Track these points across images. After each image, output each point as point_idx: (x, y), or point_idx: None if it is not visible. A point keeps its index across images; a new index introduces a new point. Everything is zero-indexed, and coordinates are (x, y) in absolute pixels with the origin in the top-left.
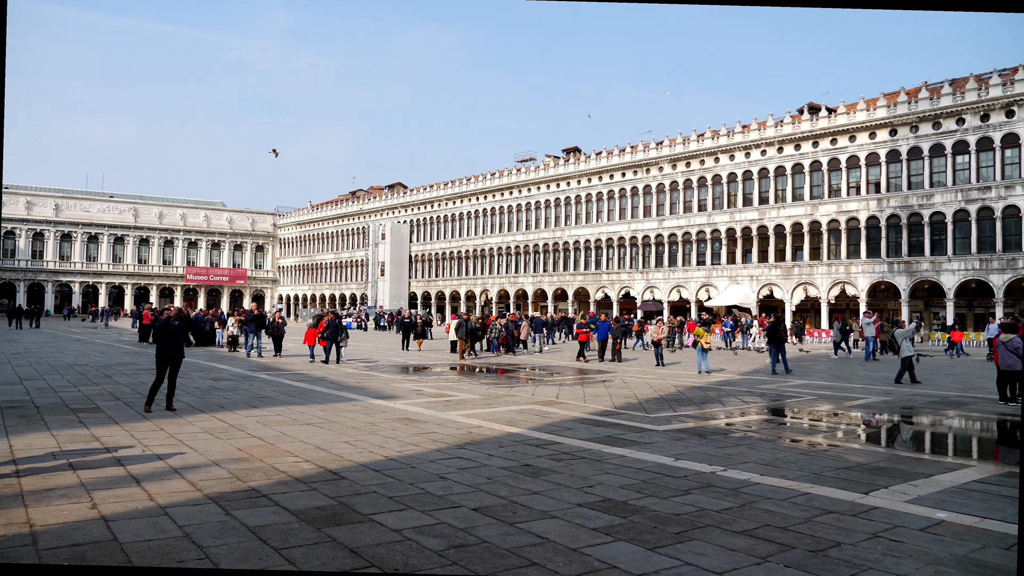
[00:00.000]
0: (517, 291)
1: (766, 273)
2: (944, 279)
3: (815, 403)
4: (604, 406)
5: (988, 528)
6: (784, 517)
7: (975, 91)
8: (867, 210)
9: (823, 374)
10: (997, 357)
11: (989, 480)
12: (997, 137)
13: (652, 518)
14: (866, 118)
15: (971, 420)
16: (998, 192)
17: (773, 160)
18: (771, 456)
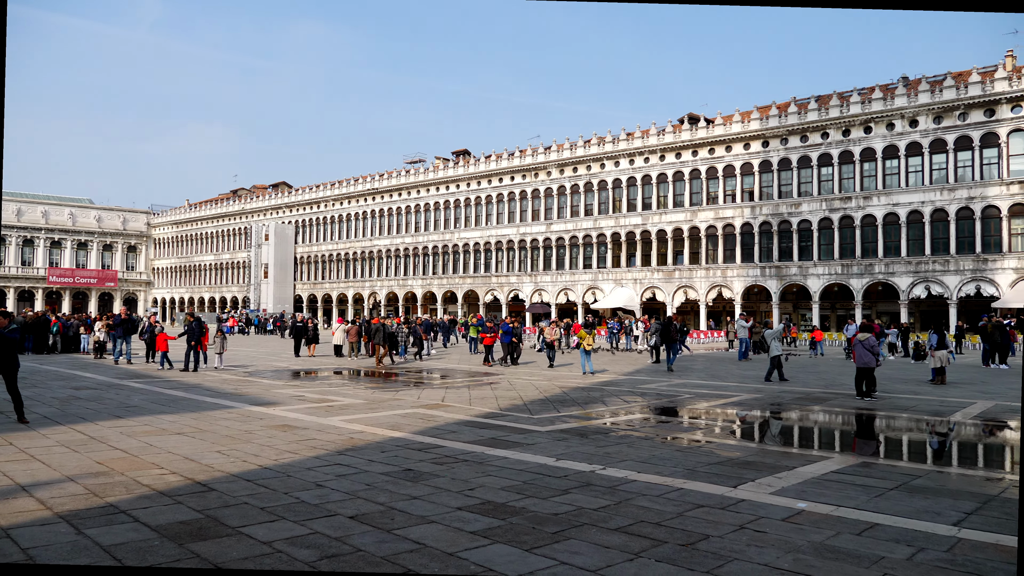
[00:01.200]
0: (406, 294)
1: (649, 276)
2: (810, 283)
3: (692, 401)
4: (490, 408)
5: (842, 516)
6: (658, 513)
7: (838, 107)
8: (742, 217)
9: (700, 373)
10: (855, 355)
11: (845, 471)
12: (857, 151)
13: (531, 519)
14: (741, 130)
15: (832, 414)
16: (857, 202)
17: (656, 168)
18: (648, 454)
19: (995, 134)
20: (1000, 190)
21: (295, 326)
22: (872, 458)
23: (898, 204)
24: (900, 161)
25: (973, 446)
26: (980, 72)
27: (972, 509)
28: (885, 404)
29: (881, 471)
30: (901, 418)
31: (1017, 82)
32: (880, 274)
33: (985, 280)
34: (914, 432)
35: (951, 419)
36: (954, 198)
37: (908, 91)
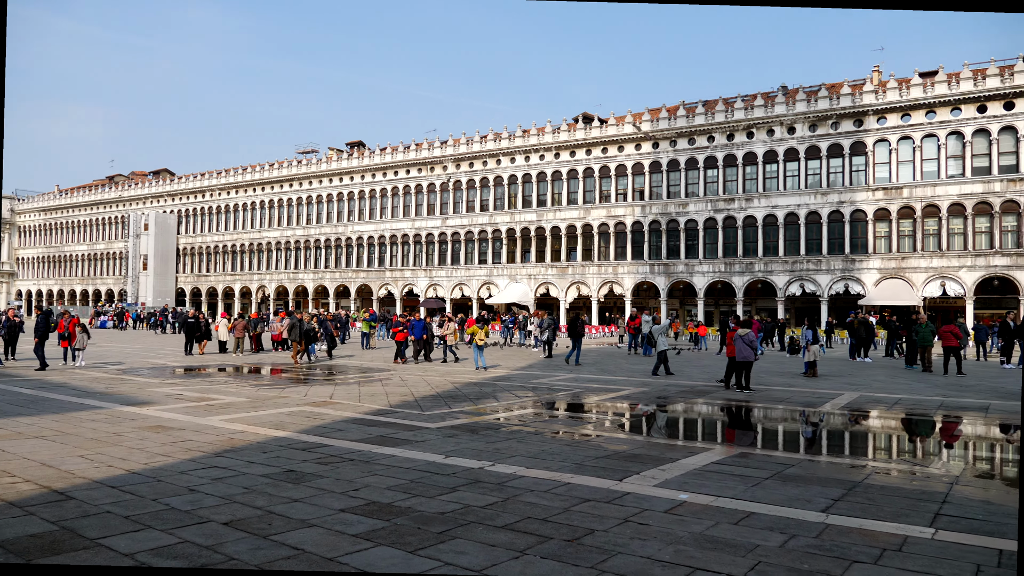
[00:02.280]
0: (297, 287)
1: (543, 272)
2: (696, 280)
3: (582, 395)
4: (379, 405)
5: (721, 506)
6: (545, 508)
7: (723, 112)
8: (633, 216)
9: (591, 367)
10: (733, 350)
11: (724, 461)
12: (740, 155)
13: (417, 519)
14: (633, 131)
15: (714, 407)
16: (740, 204)
17: (551, 165)
18: (538, 449)
19: (863, 143)
20: (867, 195)
21: (186, 322)
22: (750, 448)
23: (777, 206)
24: (779, 166)
25: (840, 435)
26: (851, 84)
27: (839, 496)
28: (761, 396)
29: (758, 461)
30: (777, 409)
31: (883, 95)
32: (760, 272)
33: (853, 279)
34: (788, 423)
35: (821, 410)
36: (826, 202)
37: (787, 100)
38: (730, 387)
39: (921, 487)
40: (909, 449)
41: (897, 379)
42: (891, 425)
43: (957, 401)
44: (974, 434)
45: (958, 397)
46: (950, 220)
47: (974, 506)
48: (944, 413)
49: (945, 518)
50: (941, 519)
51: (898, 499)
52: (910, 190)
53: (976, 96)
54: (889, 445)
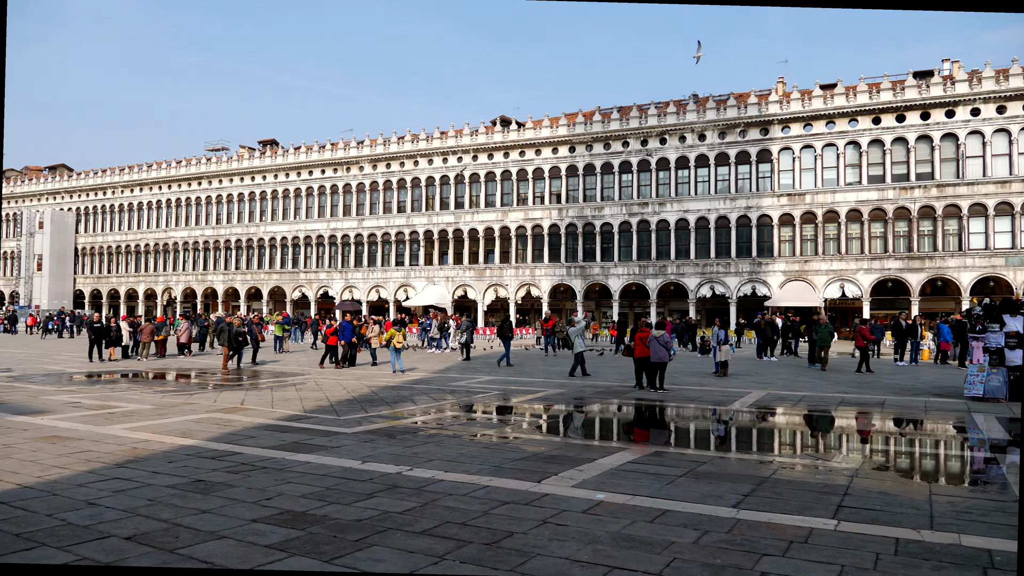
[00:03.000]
0: (206, 289)
1: (461, 274)
2: (611, 282)
3: (500, 398)
4: (293, 411)
5: (637, 504)
6: (464, 512)
7: (637, 119)
8: (550, 218)
9: (509, 369)
10: (647, 350)
11: (640, 460)
12: (653, 160)
13: (333, 527)
14: (550, 134)
15: (629, 407)
16: (653, 208)
17: (470, 168)
18: (457, 452)
19: (768, 151)
20: (772, 201)
21: (92, 326)
22: (664, 447)
23: (688, 211)
24: (691, 171)
25: (749, 432)
26: (757, 94)
27: (749, 491)
28: (675, 396)
29: (672, 459)
30: (689, 408)
31: (787, 105)
32: (672, 275)
33: (759, 281)
34: (700, 421)
35: (731, 408)
36: (735, 207)
37: (698, 108)
38: (644, 387)
39: (824, 480)
40: (813, 444)
41: (801, 377)
42: (796, 421)
43: (856, 397)
44: (872, 428)
45: (857, 393)
46: (848, 225)
47: (873, 497)
48: (844, 409)
49: (847, 509)
50: (843, 511)
51: (803, 493)
52: (812, 196)
53: (871, 108)
54: (794, 441)
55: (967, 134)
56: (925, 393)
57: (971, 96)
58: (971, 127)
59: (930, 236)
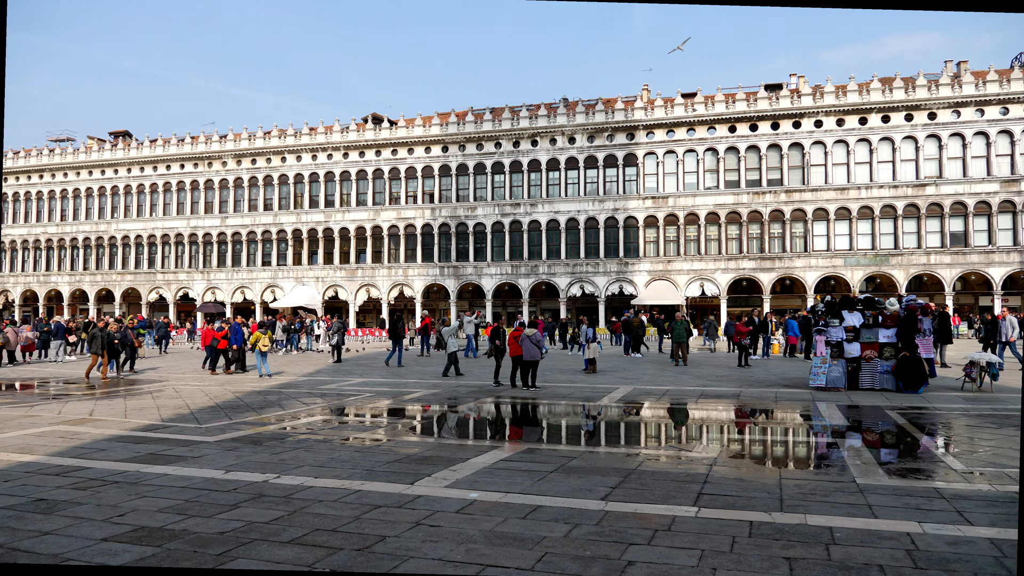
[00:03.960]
0: (49, 292)
1: (331, 275)
2: (484, 282)
3: (373, 400)
4: (150, 420)
5: (510, 501)
6: (335, 519)
7: (509, 120)
8: (423, 218)
9: (382, 371)
10: (520, 349)
11: (513, 458)
12: (525, 161)
13: (193, 542)
14: (423, 133)
15: (503, 405)
16: (525, 209)
17: (340, 165)
18: (327, 457)
19: (634, 155)
20: (638, 204)
21: None
22: (537, 444)
23: (559, 212)
24: (561, 173)
25: (617, 426)
26: (624, 100)
27: (616, 483)
28: (546, 393)
29: (544, 455)
30: (561, 405)
31: (651, 112)
32: (544, 274)
33: (626, 280)
34: (571, 417)
35: (600, 403)
36: (603, 208)
37: (568, 111)
38: (516, 385)
39: (686, 470)
40: (676, 436)
41: (665, 373)
42: (660, 415)
43: (715, 390)
44: (729, 419)
45: (715, 387)
46: (707, 227)
47: (730, 484)
48: (704, 401)
49: (706, 497)
50: (703, 498)
51: (667, 483)
52: (674, 200)
53: (727, 118)
54: (659, 433)
55: (811, 144)
56: (776, 385)
57: (815, 109)
58: (814, 137)
59: (780, 238)
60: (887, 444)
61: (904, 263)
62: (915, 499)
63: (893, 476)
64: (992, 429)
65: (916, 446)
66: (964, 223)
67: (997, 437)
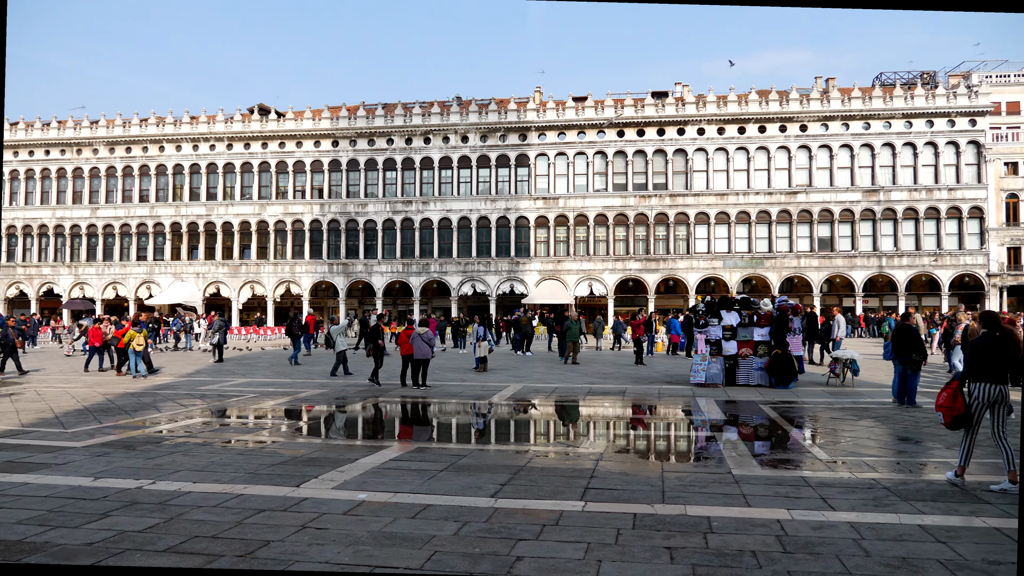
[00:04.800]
0: None
1: (213, 271)
2: (375, 280)
3: (256, 400)
4: (8, 425)
5: (399, 501)
6: (215, 525)
7: (402, 116)
8: (311, 214)
9: (266, 371)
10: (411, 348)
11: (403, 457)
12: (417, 159)
13: (57, 554)
14: (312, 127)
15: (392, 405)
16: (417, 206)
17: (223, 156)
18: (207, 461)
19: (526, 156)
20: (529, 204)
21: None
22: (427, 443)
23: (451, 210)
24: (454, 171)
25: (508, 424)
26: (517, 102)
27: (506, 480)
28: (437, 392)
29: (434, 454)
30: (451, 403)
31: (543, 114)
32: (435, 273)
33: (517, 280)
34: (461, 416)
35: (491, 401)
36: (495, 208)
37: (461, 110)
38: (407, 384)
39: (573, 466)
40: (564, 432)
41: (554, 371)
42: (549, 412)
43: (602, 387)
44: (615, 415)
45: (603, 384)
46: (596, 228)
47: (615, 478)
48: (591, 398)
49: (593, 491)
50: (590, 492)
51: (555, 478)
52: (564, 201)
53: (616, 122)
54: (548, 430)
55: (694, 150)
56: (659, 381)
57: (697, 117)
58: (697, 144)
59: (664, 240)
60: (761, 437)
61: (777, 266)
62: (785, 488)
63: (765, 467)
64: (852, 421)
65: (787, 438)
66: (831, 229)
67: (857, 428)
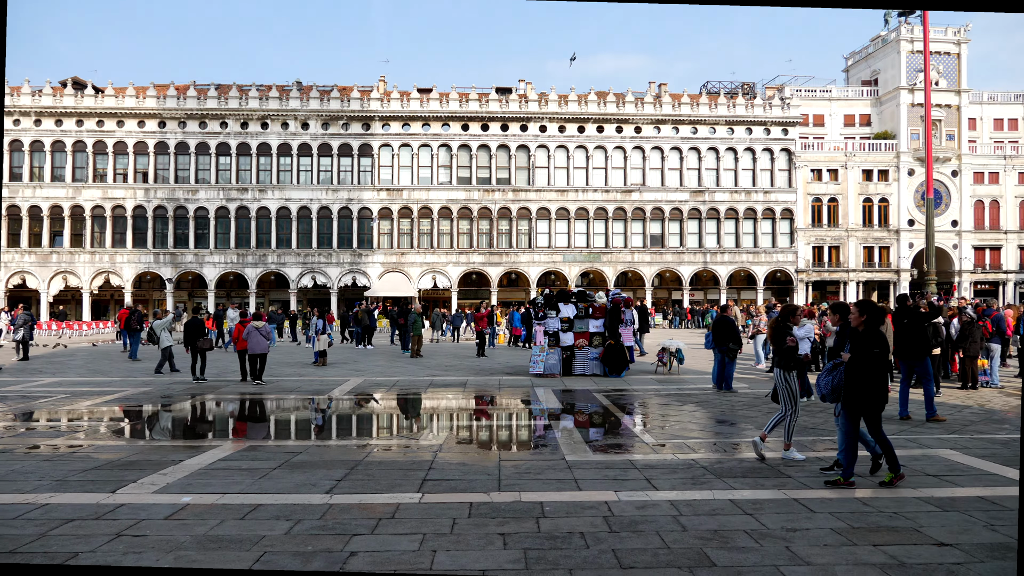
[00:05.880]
0: None
1: (18, 260)
2: (207, 271)
3: (69, 401)
4: None
5: (227, 503)
6: (13, 539)
7: (237, 99)
8: (135, 199)
9: (80, 369)
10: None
11: (233, 457)
12: (254, 144)
13: None
14: (136, 105)
15: (224, 402)
16: (254, 194)
17: (30, 133)
18: (6, 469)
19: (370, 145)
20: (373, 195)
21: None
22: (261, 441)
23: (290, 199)
24: (293, 159)
25: (348, 418)
26: (360, 90)
27: (342, 476)
28: (274, 387)
29: (268, 452)
30: (289, 399)
31: (387, 104)
32: (273, 264)
33: (360, 272)
34: (300, 411)
35: (331, 396)
36: (337, 198)
37: (302, 95)
38: (246, 380)
39: (412, 458)
40: (405, 425)
41: (396, 363)
42: (391, 405)
43: (443, 379)
44: (455, 407)
45: (444, 376)
46: (440, 221)
47: (453, 469)
48: (433, 390)
49: (430, 482)
50: (427, 484)
51: (394, 472)
52: (409, 192)
53: (461, 116)
54: (389, 424)
55: (536, 147)
56: (500, 373)
57: (540, 115)
58: (539, 141)
59: (507, 234)
60: (594, 424)
61: (613, 260)
62: (614, 471)
63: (597, 452)
64: (677, 406)
65: (618, 424)
66: (661, 227)
67: (681, 413)
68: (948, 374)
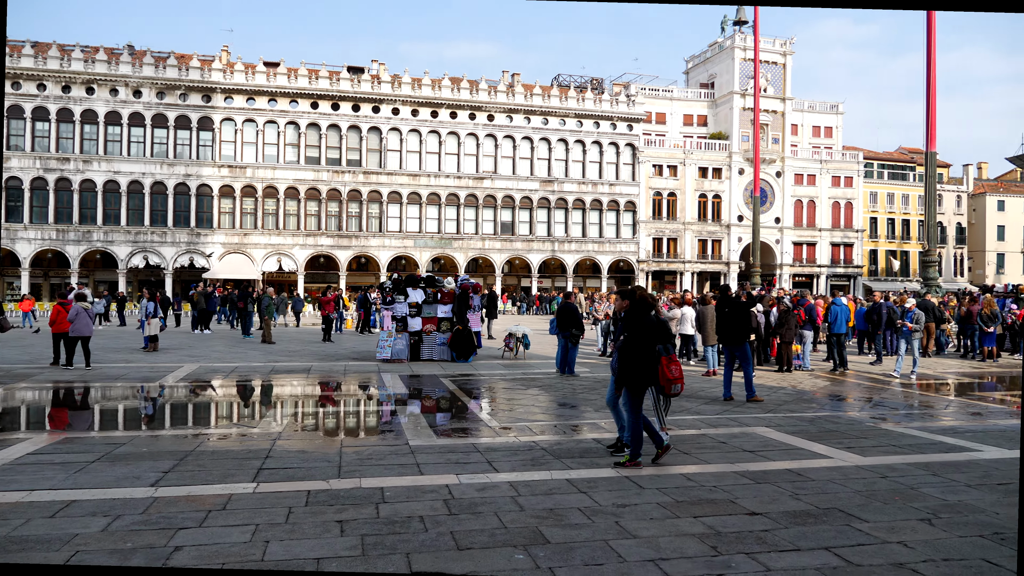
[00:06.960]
0: None
1: None
2: (20, 248)
3: None
4: None
5: (36, 500)
6: None
7: (58, 60)
8: None
9: None
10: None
11: (45, 450)
12: (78, 111)
13: None
14: None
15: (39, 391)
16: (76, 165)
17: None
18: None
19: (211, 119)
20: (213, 171)
21: None
22: (80, 432)
23: (120, 172)
24: (123, 129)
25: (180, 407)
26: (201, 59)
27: (170, 467)
28: (97, 374)
29: (86, 444)
30: (115, 387)
31: (231, 76)
32: (99, 242)
33: (198, 252)
34: (126, 400)
35: (162, 383)
36: (173, 173)
37: (134, 60)
38: (60, 366)
39: (248, 447)
40: (242, 413)
41: (235, 349)
42: (228, 392)
43: (286, 365)
44: (298, 393)
45: (287, 362)
46: (286, 202)
47: (292, 457)
48: (275, 377)
49: (267, 471)
50: (263, 473)
51: (227, 461)
52: (253, 170)
53: (310, 93)
54: (227, 412)
55: (388, 130)
56: (346, 358)
57: (393, 97)
58: (392, 124)
59: (357, 217)
60: (440, 409)
61: (464, 247)
62: (456, 455)
63: (441, 436)
64: (522, 390)
65: (464, 409)
66: (512, 214)
67: (525, 397)
68: (768, 358)
